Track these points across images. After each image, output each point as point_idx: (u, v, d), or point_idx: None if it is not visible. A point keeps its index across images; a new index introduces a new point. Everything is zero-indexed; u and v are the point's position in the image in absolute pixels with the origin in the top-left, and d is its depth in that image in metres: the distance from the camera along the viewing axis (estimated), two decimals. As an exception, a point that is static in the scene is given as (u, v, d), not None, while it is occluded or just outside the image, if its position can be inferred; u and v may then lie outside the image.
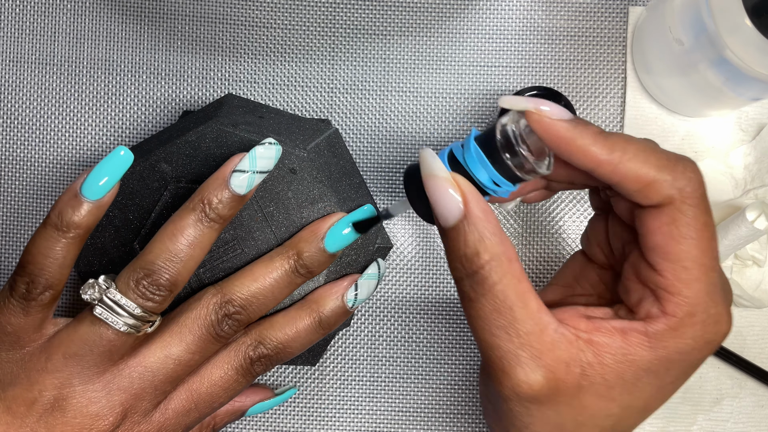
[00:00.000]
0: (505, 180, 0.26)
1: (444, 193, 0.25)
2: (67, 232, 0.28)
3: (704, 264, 0.25)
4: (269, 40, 0.42)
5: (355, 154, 0.42)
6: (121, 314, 0.28)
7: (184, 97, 0.42)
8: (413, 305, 0.42)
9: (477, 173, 0.26)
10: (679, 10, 0.36)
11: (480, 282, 0.25)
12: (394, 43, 0.42)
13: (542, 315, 0.26)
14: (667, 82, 0.40)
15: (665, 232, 0.25)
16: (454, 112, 0.42)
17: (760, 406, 0.42)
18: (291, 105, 0.42)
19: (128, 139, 0.42)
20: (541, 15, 0.42)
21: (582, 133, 0.25)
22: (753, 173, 0.41)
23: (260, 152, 0.30)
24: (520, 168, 0.26)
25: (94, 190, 0.28)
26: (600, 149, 0.25)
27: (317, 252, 0.32)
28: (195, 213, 0.29)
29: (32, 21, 0.42)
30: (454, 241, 0.26)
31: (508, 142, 0.26)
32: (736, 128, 0.42)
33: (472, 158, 0.26)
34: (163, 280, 0.29)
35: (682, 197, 0.25)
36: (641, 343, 0.26)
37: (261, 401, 0.36)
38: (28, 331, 0.29)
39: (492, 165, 0.26)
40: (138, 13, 0.42)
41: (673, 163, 0.25)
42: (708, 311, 0.26)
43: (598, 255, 0.31)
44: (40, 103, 0.42)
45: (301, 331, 0.33)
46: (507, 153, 0.26)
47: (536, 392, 0.25)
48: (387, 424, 0.42)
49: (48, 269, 0.28)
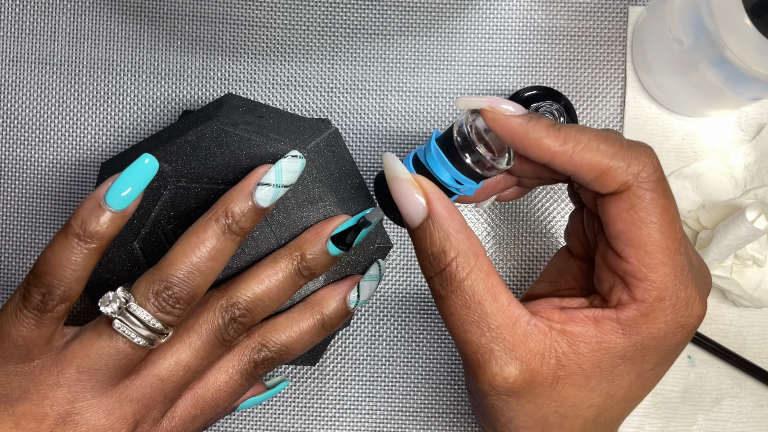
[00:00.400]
0: (466, 178, 0.27)
1: (407, 194, 0.26)
2: (90, 242, 0.27)
3: (668, 247, 0.26)
4: (269, 40, 0.42)
5: (355, 154, 0.42)
6: (138, 327, 0.27)
7: (184, 97, 0.42)
8: (413, 305, 0.42)
9: (439, 174, 0.27)
10: (679, 10, 0.36)
11: (448, 279, 0.26)
12: (394, 43, 0.42)
13: (513, 308, 0.26)
14: (667, 82, 0.40)
15: (625, 218, 0.26)
16: (454, 112, 0.42)
17: (760, 406, 0.42)
18: (291, 105, 0.42)
19: (128, 139, 0.42)
20: (541, 15, 0.42)
21: (535, 127, 0.26)
22: (753, 173, 0.41)
23: (286, 166, 0.30)
24: (480, 166, 0.27)
25: (119, 200, 0.27)
26: (553, 141, 0.26)
27: (321, 254, 0.32)
28: (218, 225, 0.29)
29: (32, 21, 0.42)
30: (421, 240, 0.26)
31: (466, 142, 0.26)
32: (736, 128, 0.42)
33: (433, 159, 0.27)
34: (184, 294, 0.28)
35: (638, 182, 0.25)
36: (614, 331, 0.26)
37: (253, 395, 0.36)
38: (39, 343, 0.28)
39: (453, 164, 0.27)
40: (138, 13, 0.42)
41: (627, 149, 0.26)
42: (677, 294, 0.26)
43: (578, 248, 0.31)
44: (40, 103, 0.42)
45: (304, 332, 0.33)
46: (466, 152, 0.26)
47: (512, 385, 0.26)
48: (387, 424, 0.42)
49: (66, 280, 0.27)
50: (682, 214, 0.41)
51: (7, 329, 0.27)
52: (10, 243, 0.42)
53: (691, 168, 0.41)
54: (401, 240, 0.42)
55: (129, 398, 0.28)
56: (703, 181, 0.41)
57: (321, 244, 0.32)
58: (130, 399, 0.28)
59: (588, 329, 0.26)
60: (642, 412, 0.41)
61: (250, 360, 0.32)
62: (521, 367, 0.26)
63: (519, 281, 0.42)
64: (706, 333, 0.42)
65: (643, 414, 0.41)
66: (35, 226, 0.42)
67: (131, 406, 0.28)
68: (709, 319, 0.42)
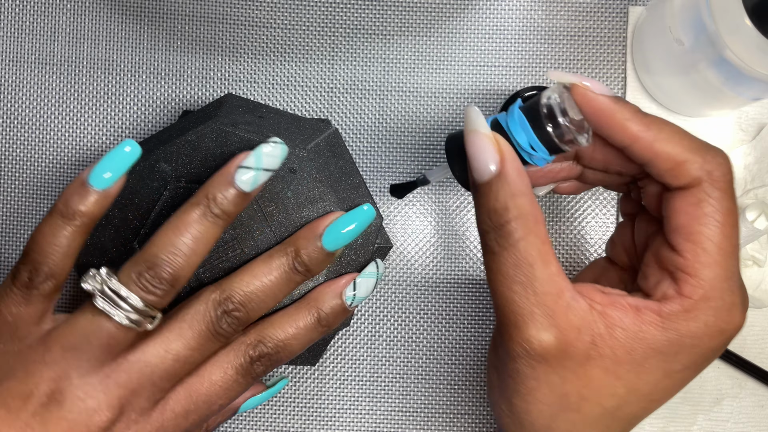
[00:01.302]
0: (542, 146, 0.27)
1: (483, 147, 0.26)
2: (73, 220, 0.28)
3: (724, 249, 0.26)
4: (269, 40, 0.42)
5: (355, 154, 0.42)
6: (122, 306, 0.28)
7: (184, 97, 0.42)
8: (413, 305, 0.42)
9: (517, 136, 0.27)
10: (679, 10, 0.36)
11: (505, 236, 0.26)
12: (394, 43, 0.42)
13: (560, 279, 0.26)
14: (667, 82, 0.40)
15: (690, 212, 0.26)
16: (454, 112, 0.42)
17: (760, 406, 0.42)
18: (291, 105, 0.42)
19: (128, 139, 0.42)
20: (541, 15, 0.42)
21: (622, 109, 0.26)
22: (753, 173, 0.41)
23: (266, 150, 0.30)
24: (560, 138, 0.27)
25: (101, 180, 0.28)
26: (638, 125, 0.26)
27: (315, 250, 0.32)
28: (199, 208, 0.29)
29: (32, 21, 0.42)
30: (486, 195, 0.26)
31: (551, 113, 0.27)
32: (736, 128, 0.42)
33: (514, 122, 0.27)
34: (166, 273, 0.28)
35: (710, 180, 0.26)
36: (654, 322, 0.26)
37: (253, 395, 0.36)
38: (28, 322, 0.29)
39: (533, 131, 0.27)
40: (138, 13, 0.42)
41: (705, 147, 0.26)
42: (723, 297, 0.26)
43: (622, 256, 0.32)
44: (40, 103, 0.42)
45: (301, 328, 0.33)
46: (549, 122, 0.27)
47: (545, 350, 0.26)
48: (387, 424, 0.42)
49: (51, 257, 0.28)
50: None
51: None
52: (10, 243, 0.42)
53: (691, 168, 0.42)
54: (401, 240, 0.42)
55: (114, 381, 0.28)
56: (703, 181, 0.41)
57: (315, 240, 0.32)
58: (116, 382, 0.28)
59: (628, 316, 0.26)
60: (642, 412, 0.42)
61: (246, 355, 0.32)
62: (557, 335, 0.26)
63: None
64: (706, 333, 0.42)
65: (643, 414, 0.42)
66: (35, 226, 0.42)
67: (116, 390, 0.28)
68: (709, 319, 0.42)
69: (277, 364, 0.33)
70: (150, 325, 0.29)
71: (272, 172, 0.30)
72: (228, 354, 0.32)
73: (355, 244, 0.35)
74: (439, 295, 0.42)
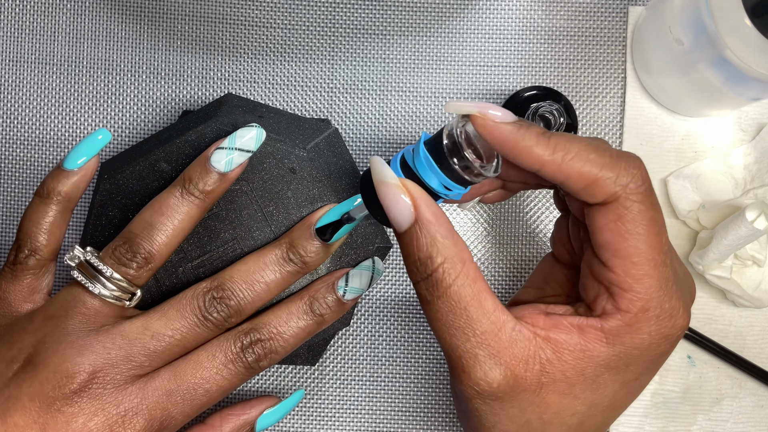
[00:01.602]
0: (455, 184, 0.27)
1: (395, 199, 0.26)
2: (49, 198, 0.31)
3: (654, 259, 0.26)
4: (269, 40, 0.42)
5: (355, 154, 0.42)
6: (97, 278, 0.30)
7: (184, 97, 0.42)
8: (413, 305, 0.42)
9: (427, 179, 0.27)
10: (679, 10, 0.36)
11: (435, 285, 0.26)
12: (394, 43, 0.42)
13: (498, 314, 0.26)
14: (667, 82, 0.40)
15: (612, 228, 0.26)
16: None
17: (760, 406, 0.42)
18: (291, 105, 0.42)
19: (128, 139, 0.42)
20: (541, 15, 0.42)
21: (525, 135, 0.26)
22: (753, 173, 0.41)
23: (240, 132, 0.31)
24: (468, 172, 0.26)
25: (74, 163, 0.31)
26: (543, 150, 0.26)
27: (308, 240, 0.32)
28: (177, 189, 0.31)
29: (32, 21, 0.42)
30: (408, 245, 0.26)
31: (455, 147, 0.26)
32: (736, 128, 0.42)
33: (422, 164, 0.27)
34: (139, 248, 0.30)
35: (627, 194, 0.26)
36: (598, 339, 0.26)
37: (268, 408, 0.35)
38: (18, 296, 0.31)
39: (441, 170, 0.26)
40: (138, 13, 0.42)
41: (616, 160, 0.26)
42: (662, 306, 0.26)
43: (564, 254, 0.32)
44: (40, 103, 0.42)
45: (293, 314, 0.32)
46: (454, 158, 0.26)
47: (495, 389, 0.26)
48: (387, 424, 0.42)
49: (32, 234, 0.31)
50: (682, 214, 0.41)
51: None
52: (10, 243, 0.42)
53: (691, 168, 0.41)
54: (401, 240, 0.42)
55: (90, 350, 0.29)
56: (703, 181, 0.41)
57: (308, 230, 0.32)
58: (91, 351, 0.29)
59: (572, 337, 0.26)
60: (642, 413, 0.41)
61: (237, 341, 0.31)
62: (505, 372, 0.26)
63: (508, 285, 0.42)
64: (706, 333, 0.42)
65: (643, 414, 0.42)
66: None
67: (91, 357, 0.29)
68: (709, 319, 0.42)
69: (272, 355, 0.32)
70: (129, 301, 0.31)
71: (249, 153, 0.31)
72: (219, 339, 0.32)
73: (355, 244, 0.35)
74: (439, 295, 0.42)
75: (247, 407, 0.35)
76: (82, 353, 0.29)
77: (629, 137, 0.42)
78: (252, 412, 0.35)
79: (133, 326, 0.30)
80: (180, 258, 0.34)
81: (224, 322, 0.31)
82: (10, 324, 0.31)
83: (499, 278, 0.42)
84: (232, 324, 0.32)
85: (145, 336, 0.30)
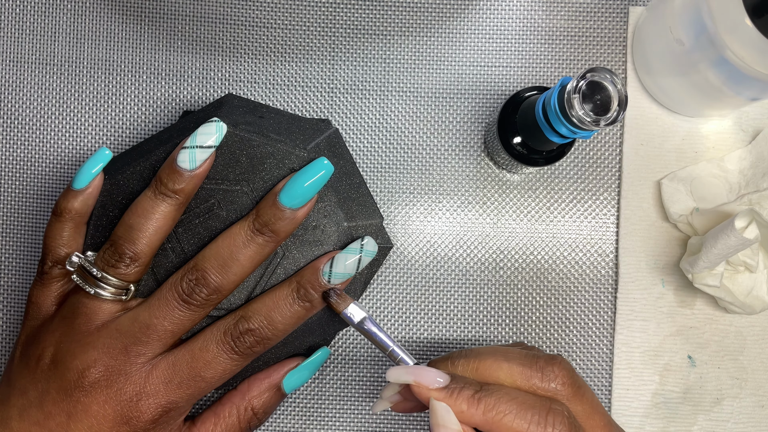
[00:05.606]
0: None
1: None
2: (63, 216, 0.34)
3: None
4: (269, 40, 0.42)
5: (355, 154, 0.42)
6: (91, 280, 0.33)
7: (184, 97, 0.42)
8: (413, 305, 0.42)
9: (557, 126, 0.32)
10: (679, 10, 0.36)
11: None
12: (394, 43, 0.42)
13: None
14: (667, 82, 0.40)
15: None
16: (454, 112, 0.42)
17: (760, 406, 0.42)
18: (291, 105, 0.42)
19: (128, 139, 0.42)
20: (541, 15, 0.42)
21: (456, 401, 0.29)
22: (748, 178, 0.41)
23: (200, 129, 0.33)
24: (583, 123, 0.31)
25: (79, 182, 0.34)
26: (475, 410, 0.29)
27: (273, 206, 0.33)
28: (150, 190, 0.33)
29: (32, 21, 0.42)
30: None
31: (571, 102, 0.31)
32: (736, 128, 0.42)
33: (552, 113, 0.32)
34: (124, 250, 0.33)
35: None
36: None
37: (291, 369, 0.37)
38: (46, 301, 0.35)
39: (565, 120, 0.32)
40: (138, 13, 0.42)
41: (544, 400, 0.29)
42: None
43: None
44: (40, 103, 0.42)
45: (280, 300, 0.34)
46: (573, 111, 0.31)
47: None
48: (387, 424, 0.42)
49: (53, 248, 0.35)
50: (673, 217, 0.41)
51: (29, 294, 0.36)
52: (10, 243, 0.42)
53: (686, 171, 0.41)
54: (401, 240, 0.42)
55: (92, 345, 0.33)
56: (697, 185, 0.41)
57: (273, 198, 0.33)
58: (94, 345, 0.33)
59: None
60: (642, 413, 0.41)
61: (228, 326, 0.33)
62: None
63: (509, 287, 0.42)
64: (706, 333, 0.42)
65: (644, 414, 0.41)
66: (35, 226, 0.42)
67: (93, 352, 0.32)
68: (709, 319, 0.42)
69: (264, 341, 0.34)
70: (124, 296, 0.33)
71: (211, 149, 0.33)
72: (211, 327, 0.34)
73: (355, 244, 0.35)
74: (439, 295, 0.42)
75: (271, 370, 0.37)
76: (88, 350, 0.33)
77: (629, 137, 0.42)
78: (274, 375, 0.36)
79: (125, 319, 0.33)
80: (180, 259, 0.34)
81: (205, 301, 0.33)
82: (40, 325, 0.35)
83: (500, 277, 0.42)
84: (214, 302, 0.33)
85: (135, 327, 0.33)
